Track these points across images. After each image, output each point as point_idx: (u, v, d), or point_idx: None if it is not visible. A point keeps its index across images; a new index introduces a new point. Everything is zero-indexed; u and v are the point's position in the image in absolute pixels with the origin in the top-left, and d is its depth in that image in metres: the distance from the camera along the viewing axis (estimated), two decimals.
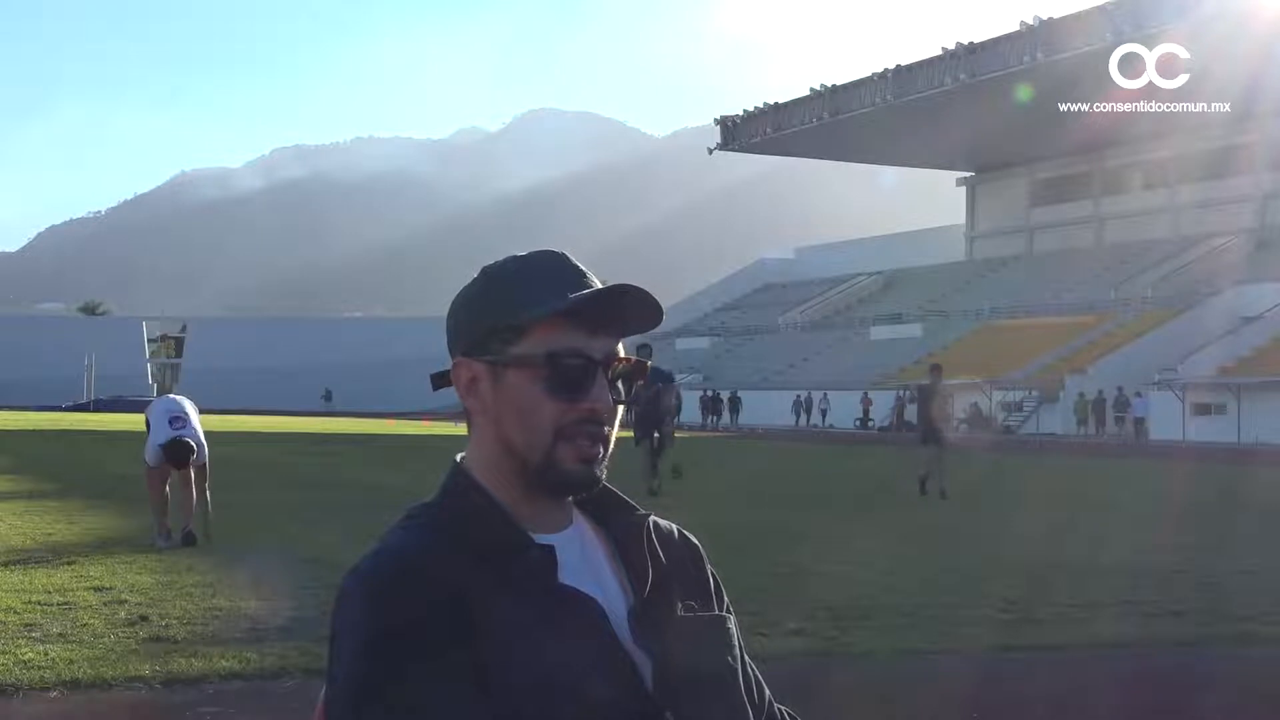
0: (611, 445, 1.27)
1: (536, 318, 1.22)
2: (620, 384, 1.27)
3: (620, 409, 1.28)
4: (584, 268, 1.28)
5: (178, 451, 9.09)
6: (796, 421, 54.65)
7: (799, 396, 55.89)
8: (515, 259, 1.29)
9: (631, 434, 14.60)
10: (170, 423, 9.22)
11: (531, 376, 1.23)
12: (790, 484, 18.57)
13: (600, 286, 1.25)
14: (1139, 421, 43.50)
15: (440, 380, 1.34)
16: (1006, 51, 53.57)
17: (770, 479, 19.25)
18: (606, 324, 1.25)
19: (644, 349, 13.32)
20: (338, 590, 1.21)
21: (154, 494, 9.29)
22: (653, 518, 1.35)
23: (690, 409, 51.48)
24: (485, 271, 1.30)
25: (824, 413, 55.01)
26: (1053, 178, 67.84)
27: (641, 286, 1.23)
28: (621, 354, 1.27)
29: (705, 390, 56.69)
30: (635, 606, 1.26)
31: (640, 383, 1.35)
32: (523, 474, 1.25)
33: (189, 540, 8.88)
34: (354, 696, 1.14)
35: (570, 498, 1.29)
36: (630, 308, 1.25)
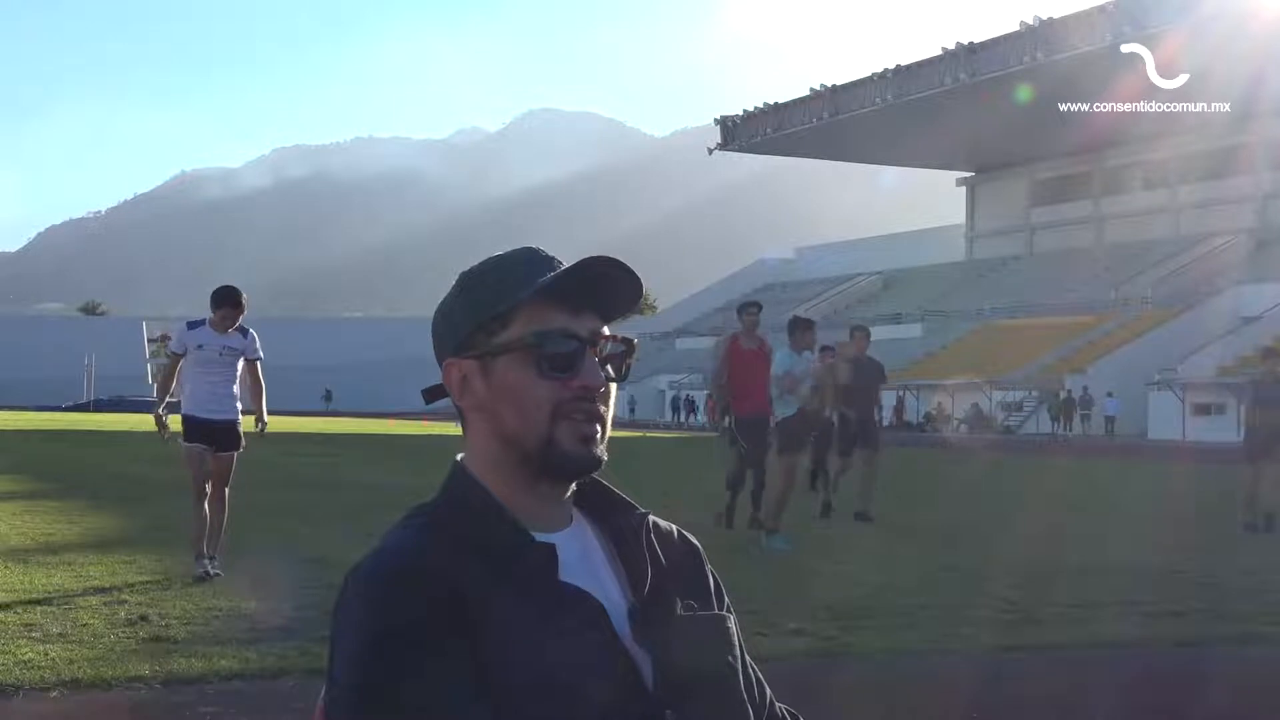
0: (610, 426, 1.28)
1: (518, 303, 1.24)
2: (610, 365, 1.28)
3: (614, 388, 1.29)
4: (555, 256, 1.30)
5: (211, 435, 7.40)
6: None
7: None
8: (489, 259, 1.32)
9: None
10: (206, 394, 7.37)
11: (521, 360, 1.24)
12: None
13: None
14: (1110, 420, 43.75)
15: (432, 393, 1.34)
16: (1006, 51, 53.58)
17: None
18: (588, 303, 1.26)
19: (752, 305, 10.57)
20: (338, 590, 1.21)
21: (195, 483, 7.43)
22: (652, 517, 1.35)
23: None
24: (462, 275, 1.32)
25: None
26: (1053, 178, 67.83)
27: (615, 258, 1.25)
28: (607, 333, 1.28)
29: None
30: (635, 606, 1.26)
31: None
32: (524, 465, 1.25)
33: (203, 578, 7.22)
34: (354, 696, 1.14)
35: (569, 493, 1.30)
36: (609, 283, 1.26)
